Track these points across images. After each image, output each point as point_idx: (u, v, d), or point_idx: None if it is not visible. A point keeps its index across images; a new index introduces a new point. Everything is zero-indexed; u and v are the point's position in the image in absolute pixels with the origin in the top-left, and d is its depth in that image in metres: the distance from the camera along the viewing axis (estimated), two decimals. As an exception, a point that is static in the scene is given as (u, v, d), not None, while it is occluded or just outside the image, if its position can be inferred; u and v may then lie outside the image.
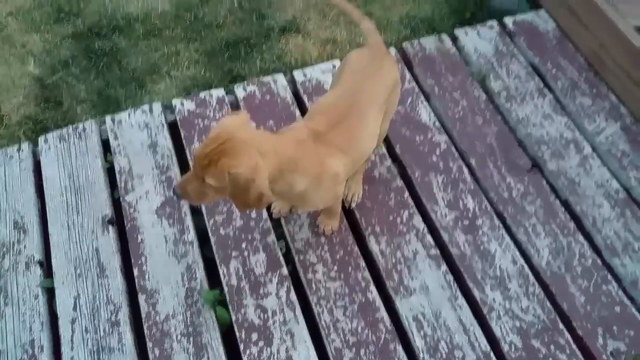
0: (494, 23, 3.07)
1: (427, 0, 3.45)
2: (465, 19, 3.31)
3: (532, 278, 2.25)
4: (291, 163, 1.72)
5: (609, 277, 2.27)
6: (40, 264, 2.27)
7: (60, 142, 2.56)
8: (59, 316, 2.15)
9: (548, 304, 2.20)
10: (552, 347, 2.11)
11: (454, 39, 3.02)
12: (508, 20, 3.07)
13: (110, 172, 2.52)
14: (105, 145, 2.59)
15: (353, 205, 2.40)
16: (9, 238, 2.32)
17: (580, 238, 2.36)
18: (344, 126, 1.88)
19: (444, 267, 2.27)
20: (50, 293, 2.22)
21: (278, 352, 2.08)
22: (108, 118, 2.64)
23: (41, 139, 2.58)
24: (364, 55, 2.08)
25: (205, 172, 1.59)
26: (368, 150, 2.05)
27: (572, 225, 2.39)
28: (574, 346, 2.12)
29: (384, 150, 2.57)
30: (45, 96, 2.99)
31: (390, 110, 2.18)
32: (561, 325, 2.15)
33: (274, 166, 1.66)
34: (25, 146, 2.56)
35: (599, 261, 2.31)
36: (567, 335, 2.13)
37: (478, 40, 2.98)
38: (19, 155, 2.53)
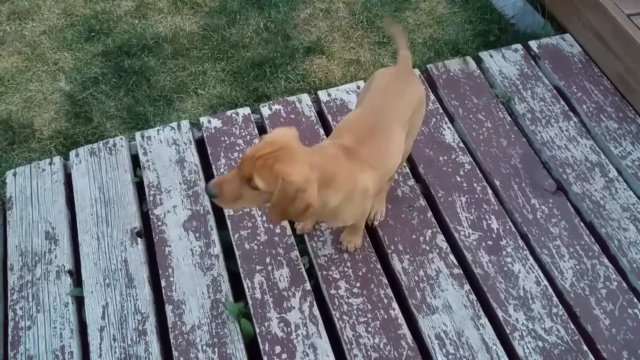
0: (518, 46, 3.09)
1: (451, 23, 3.49)
2: (490, 42, 3.34)
3: (555, 299, 2.25)
4: (329, 179, 1.73)
5: (635, 300, 2.26)
6: (70, 273, 2.31)
7: (91, 156, 2.62)
8: (88, 324, 2.19)
9: (572, 325, 2.19)
10: (576, 368, 2.11)
11: (479, 61, 3.05)
12: (533, 44, 3.09)
13: (139, 186, 2.57)
14: (135, 160, 2.65)
15: (376, 223, 2.42)
16: (40, 248, 2.37)
17: (605, 261, 2.35)
18: (373, 142, 1.90)
19: (467, 286, 2.28)
20: (79, 301, 2.27)
21: (301, 366, 2.10)
22: (138, 134, 2.70)
23: (72, 153, 2.64)
24: (390, 74, 2.11)
25: (256, 173, 1.58)
26: (395, 165, 2.07)
27: (596, 247, 2.39)
28: (598, 368, 2.11)
29: (407, 169, 2.59)
30: (75, 112, 3.06)
31: (414, 128, 2.20)
32: (585, 347, 2.14)
33: (316, 181, 1.67)
34: (57, 160, 2.62)
35: (624, 284, 2.30)
36: (591, 357, 2.12)
37: (503, 62, 3.01)
38: (51, 169, 2.59)
